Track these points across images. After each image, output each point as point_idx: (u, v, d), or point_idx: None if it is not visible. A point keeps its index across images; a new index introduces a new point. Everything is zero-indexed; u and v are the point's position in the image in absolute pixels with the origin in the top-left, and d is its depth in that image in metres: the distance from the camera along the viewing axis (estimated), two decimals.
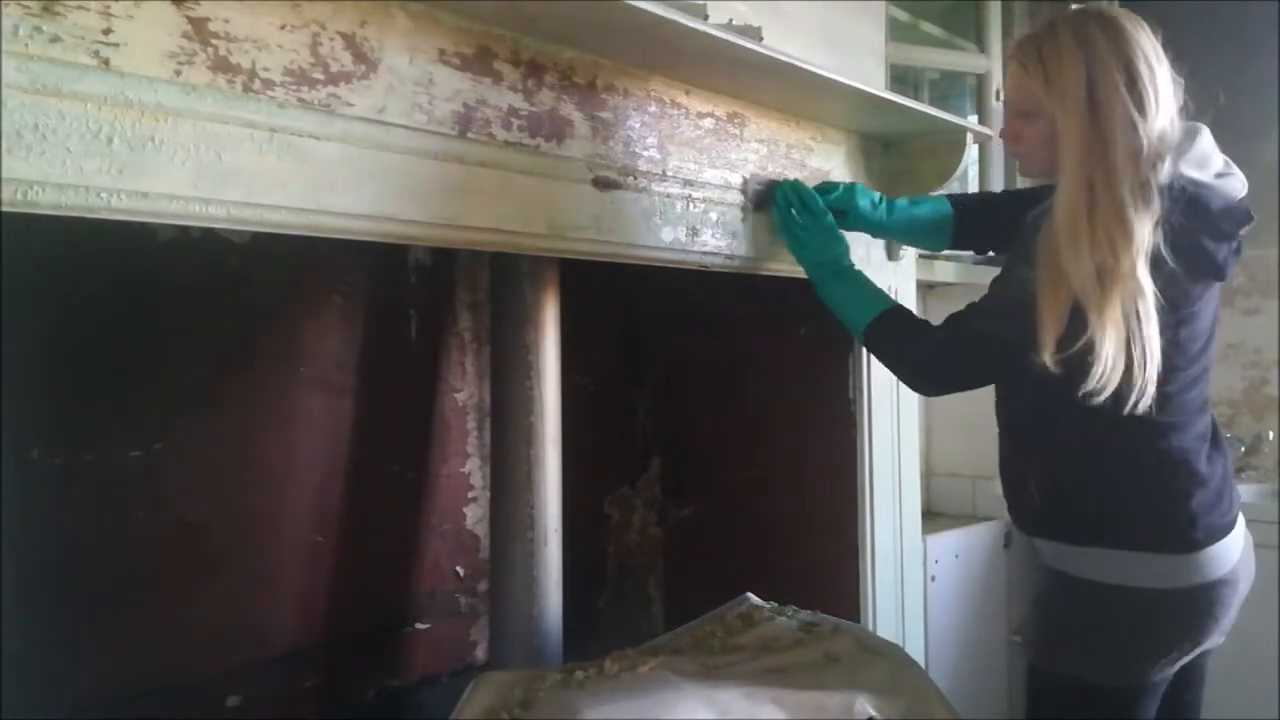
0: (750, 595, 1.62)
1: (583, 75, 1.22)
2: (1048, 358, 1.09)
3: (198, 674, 1.45)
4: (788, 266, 1.53)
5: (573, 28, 1.14)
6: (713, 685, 1.27)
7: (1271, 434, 2.50)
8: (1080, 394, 1.08)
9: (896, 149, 1.76)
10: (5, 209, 0.74)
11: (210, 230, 1.42)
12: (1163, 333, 1.10)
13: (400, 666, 1.74)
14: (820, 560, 1.87)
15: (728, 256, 1.43)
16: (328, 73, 0.94)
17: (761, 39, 1.31)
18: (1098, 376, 1.07)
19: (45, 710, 1.29)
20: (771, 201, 1.46)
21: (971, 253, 2.24)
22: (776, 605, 1.60)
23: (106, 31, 0.78)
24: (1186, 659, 1.23)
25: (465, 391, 1.84)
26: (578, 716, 1.20)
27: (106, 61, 0.79)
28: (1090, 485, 1.24)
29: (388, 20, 1.00)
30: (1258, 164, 2.56)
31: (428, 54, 1.03)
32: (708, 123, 1.41)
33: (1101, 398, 1.08)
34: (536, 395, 1.56)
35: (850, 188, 1.46)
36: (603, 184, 1.23)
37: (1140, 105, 1.12)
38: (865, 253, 1.71)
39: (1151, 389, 1.09)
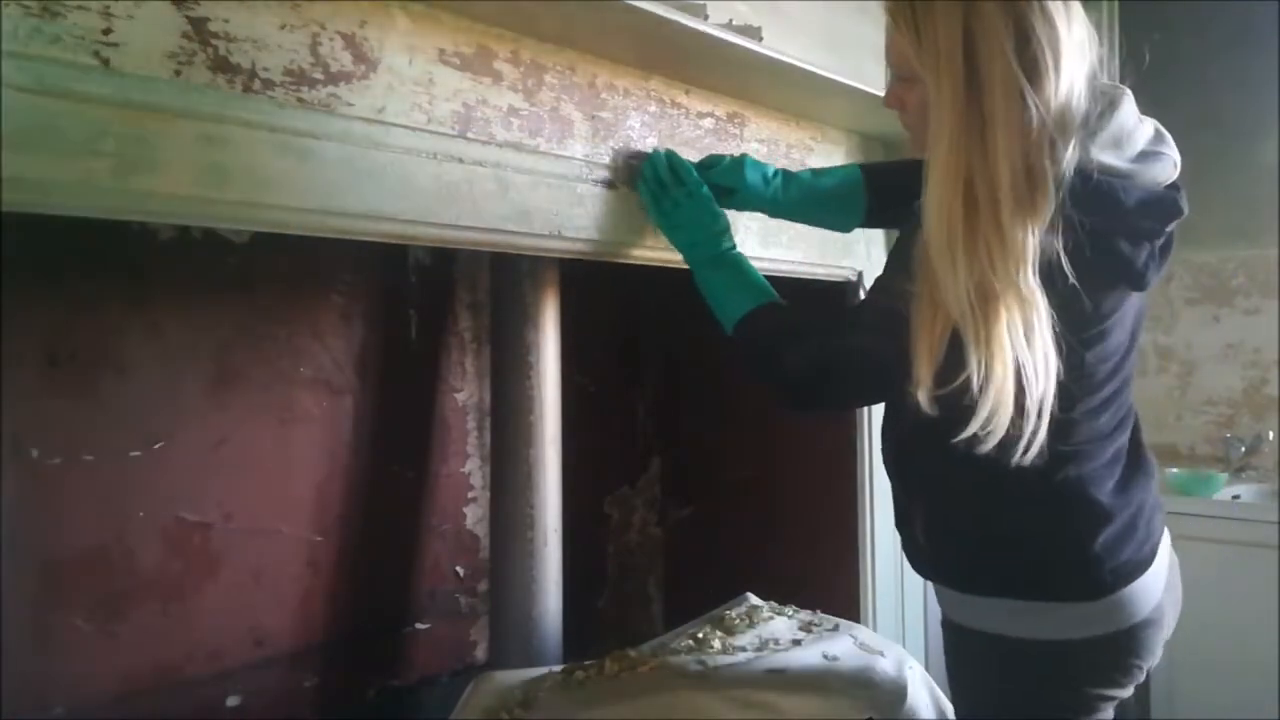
0: (750, 595, 1.62)
1: (583, 75, 1.22)
2: (923, 395, 0.89)
3: (197, 674, 1.46)
4: (790, 265, 1.53)
5: (573, 27, 1.14)
6: (712, 686, 1.27)
7: (1271, 434, 2.50)
8: (960, 440, 0.88)
9: (897, 149, 1.75)
10: (5, 209, 0.74)
11: (210, 230, 1.43)
12: (1064, 358, 0.89)
13: (400, 666, 1.74)
14: (820, 560, 1.87)
15: None
16: (327, 73, 0.94)
17: (761, 39, 1.31)
18: (982, 421, 0.87)
19: (45, 710, 1.29)
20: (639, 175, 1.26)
21: None
22: (776, 605, 1.60)
23: (106, 31, 0.79)
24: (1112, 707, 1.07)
25: (465, 391, 1.84)
26: (577, 717, 1.20)
27: (107, 61, 0.79)
28: (980, 525, 1.04)
29: (387, 20, 1.00)
30: (1258, 164, 2.56)
31: (427, 54, 1.03)
32: (708, 122, 1.41)
33: (986, 447, 0.88)
34: (536, 395, 1.56)
35: (739, 160, 1.23)
36: (603, 184, 1.23)
37: (1033, 72, 0.86)
38: (866, 251, 1.71)
39: (1042, 438, 0.89)
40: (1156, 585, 1.04)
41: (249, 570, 1.51)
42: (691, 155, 1.37)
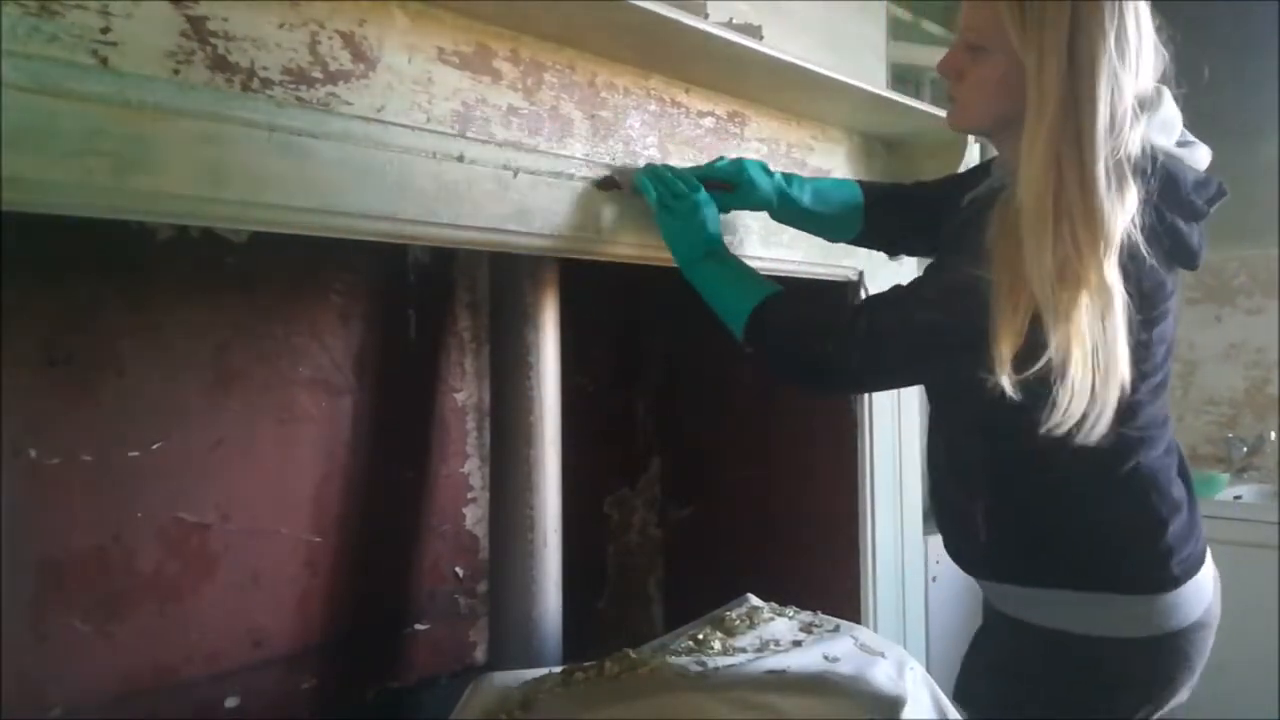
0: (750, 596, 1.62)
1: (582, 73, 1.21)
2: (1005, 378, 0.89)
3: (196, 675, 1.45)
4: (792, 265, 1.53)
5: (572, 26, 1.14)
6: (712, 687, 1.27)
7: (1273, 434, 2.50)
8: (1040, 427, 0.90)
9: (898, 148, 1.75)
10: (5, 209, 0.74)
11: (209, 230, 1.42)
12: (1134, 335, 0.92)
13: (399, 668, 1.74)
14: (820, 560, 1.87)
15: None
16: (326, 71, 0.94)
17: (762, 38, 1.31)
18: (1064, 405, 0.89)
19: (43, 711, 1.29)
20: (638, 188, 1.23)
21: None
22: (776, 605, 1.60)
23: (105, 30, 0.78)
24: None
25: (464, 392, 1.84)
26: (577, 718, 1.19)
27: (105, 60, 0.78)
28: (1049, 515, 1.03)
29: (386, 19, 0.99)
30: (1258, 164, 2.56)
31: (426, 52, 1.03)
32: (708, 121, 1.41)
33: (1065, 429, 0.90)
34: (536, 395, 1.56)
35: (739, 160, 1.24)
36: (603, 183, 1.23)
37: (1123, 58, 0.91)
38: (868, 252, 1.70)
39: (1109, 416, 0.91)
40: (1209, 585, 1.05)
41: (247, 571, 1.51)
42: (691, 154, 1.37)
